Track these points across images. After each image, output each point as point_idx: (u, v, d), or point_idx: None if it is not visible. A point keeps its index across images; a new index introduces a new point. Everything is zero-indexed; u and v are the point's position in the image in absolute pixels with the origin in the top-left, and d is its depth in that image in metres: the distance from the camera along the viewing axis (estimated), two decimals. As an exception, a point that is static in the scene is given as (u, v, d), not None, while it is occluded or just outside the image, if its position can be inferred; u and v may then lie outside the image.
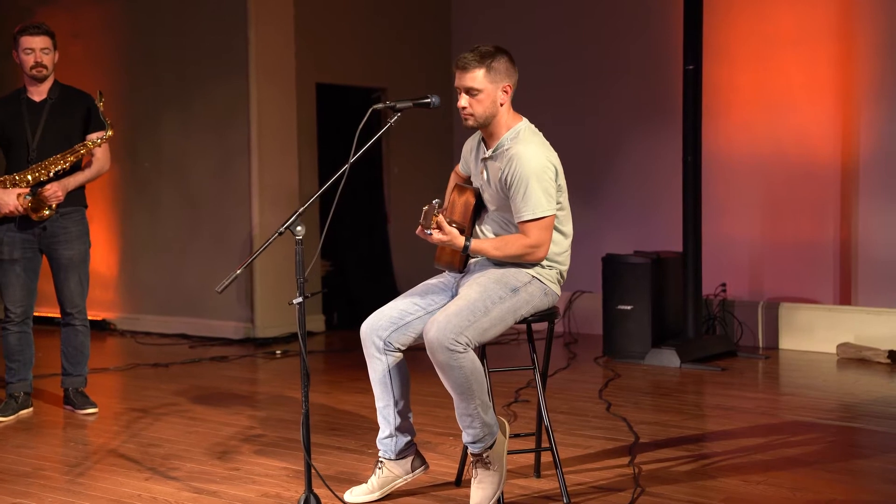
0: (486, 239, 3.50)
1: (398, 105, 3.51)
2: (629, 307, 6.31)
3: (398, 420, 3.62)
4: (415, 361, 3.62)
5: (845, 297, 6.89)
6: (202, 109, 7.57)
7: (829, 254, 6.92)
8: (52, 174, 4.83)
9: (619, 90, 7.73)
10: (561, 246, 3.58)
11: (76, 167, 4.94)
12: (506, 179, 3.47)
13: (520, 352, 6.59)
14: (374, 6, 8.19)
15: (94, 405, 5.09)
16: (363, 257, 8.23)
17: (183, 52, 7.66)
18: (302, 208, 3.35)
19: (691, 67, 6.22)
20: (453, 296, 3.63)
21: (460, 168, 3.85)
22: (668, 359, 6.09)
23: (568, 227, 3.61)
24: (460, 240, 3.37)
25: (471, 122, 3.51)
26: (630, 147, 7.66)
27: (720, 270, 7.01)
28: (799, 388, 5.45)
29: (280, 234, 3.37)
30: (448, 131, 8.61)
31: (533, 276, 3.52)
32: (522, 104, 3.71)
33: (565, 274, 3.64)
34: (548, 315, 3.61)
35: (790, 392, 5.35)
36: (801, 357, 6.38)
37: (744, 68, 7.13)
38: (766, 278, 7.19)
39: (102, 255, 8.20)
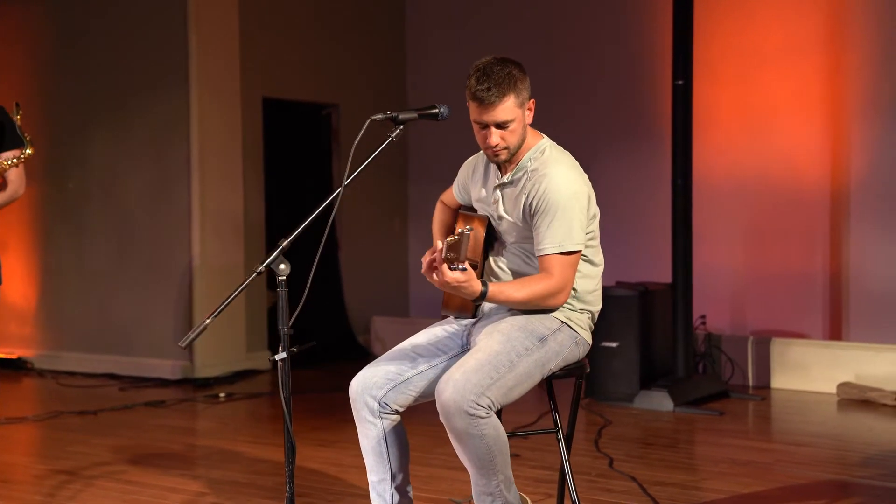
0: (504, 283, 2.88)
1: (401, 116, 2.88)
2: (614, 344, 5.75)
3: (396, 497, 2.99)
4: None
5: (836, 331, 6.44)
6: (136, 124, 6.82)
7: (818, 285, 6.47)
8: None
9: (593, 107, 7.20)
10: (592, 281, 2.99)
11: None
12: (531, 204, 2.87)
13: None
14: (326, 17, 7.55)
15: None
16: (312, 287, 7.52)
17: (114, 60, 6.89)
18: (286, 242, 2.71)
19: (681, 83, 5.70)
20: (463, 345, 3.01)
21: (455, 194, 3.23)
22: (660, 402, 5.53)
23: (599, 258, 3.03)
24: (477, 284, 2.73)
25: (504, 157, 2.91)
26: (606, 168, 7.13)
27: (700, 301, 6.48)
28: (813, 438, 4.91)
29: (259, 273, 2.70)
30: (402, 153, 8.02)
31: (562, 322, 2.92)
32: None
33: (597, 317, 3.05)
34: (577, 369, 3.02)
35: (805, 442, 4.81)
36: (798, 398, 5.88)
37: (726, 84, 6.67)
38: (750, 310, 6.72)
39: (17, 286, 7.37)
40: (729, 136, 6.69)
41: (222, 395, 6.14)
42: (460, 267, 2.62)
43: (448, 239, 2.61)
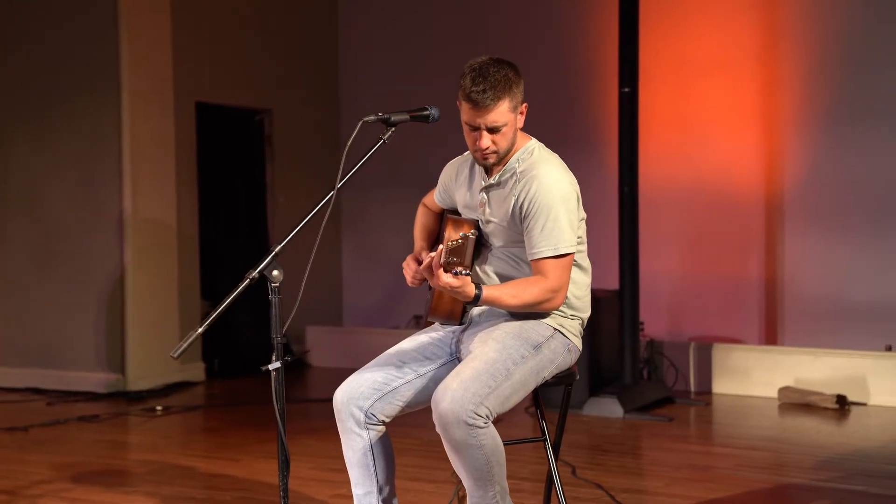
0: (499, 285, 2.81)
1: (393, 118, 2.81)
2: (562, 352, 5.71)
3: (383, 511, 2.88)
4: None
5: (771, 336, 6.54)
6: (63, 131, 6.51)
7: (754, 291, 6.56)
8: None
9: (531, 114, 7.17)
10: (581, 287, 2.94)
11: None
12: (521, 206, 2.80)
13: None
14: (258, 22, 7.37)
15: None
16: (247, 297, 7.31)
17: (39, 65, 6.55)
18: (278, 247, 2.62)
19: (627, 90, 5.72)
20: (451, 353, 2.93)
21: (436, 199, 3.15)
22: (610, 409, 5.52)
23: (587, 263, 2.98)
24: (471, 288, 2.66)
25: (492, 160, 2.84)
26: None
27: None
28: (766, 442, 4.96)
29: (252, 280, 2.60)
30: (335, 160, 7.86)
31: (555, 329, 2.86)
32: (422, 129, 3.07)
33: (586, 323, 3.00)
34: (567, 376, 2.97)
35: (760, 447, 4.84)
36: (741, 403, 5.94)
37: (662, 93, 6.71)
38: (687, 317, 6.78)
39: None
40: (665, 145, 6.73)
41: (159, 408, 5.92)
42: (463, 272, 2.54)
43: (450, 243, 2.54)
